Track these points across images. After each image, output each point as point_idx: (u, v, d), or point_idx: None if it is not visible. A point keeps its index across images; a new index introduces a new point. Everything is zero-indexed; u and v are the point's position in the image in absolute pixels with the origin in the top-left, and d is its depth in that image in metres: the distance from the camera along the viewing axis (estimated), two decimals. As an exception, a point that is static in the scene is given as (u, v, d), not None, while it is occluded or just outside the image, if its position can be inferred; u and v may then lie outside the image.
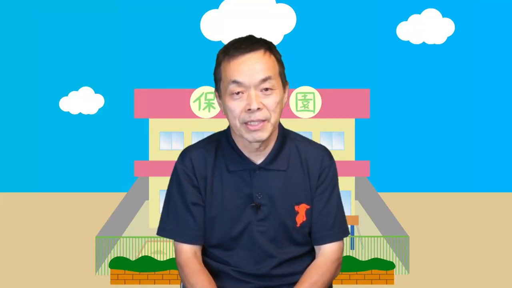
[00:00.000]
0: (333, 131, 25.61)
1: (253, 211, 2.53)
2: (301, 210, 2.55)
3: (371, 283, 11.23)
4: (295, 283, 2.57)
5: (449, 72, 21.83)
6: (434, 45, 20.41)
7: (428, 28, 19.79)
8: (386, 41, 21.75)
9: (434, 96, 21.89)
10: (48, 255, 13.21)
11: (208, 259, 2.63)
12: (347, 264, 11.41)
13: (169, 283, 12.90)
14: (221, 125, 15.95)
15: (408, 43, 20.65)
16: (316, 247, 2.62)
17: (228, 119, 2.50)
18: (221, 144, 2.58)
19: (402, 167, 21.71)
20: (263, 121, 2.44)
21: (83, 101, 20.12)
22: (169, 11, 22.26)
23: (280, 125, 2.57)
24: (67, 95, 19.95)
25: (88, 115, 20.97)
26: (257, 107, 2.41)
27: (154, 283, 12.84)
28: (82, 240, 14.56)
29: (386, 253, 12.65)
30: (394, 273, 11.46)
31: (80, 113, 20.24)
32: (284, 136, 2.59)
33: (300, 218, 2.54)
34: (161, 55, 22.35)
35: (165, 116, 24.61)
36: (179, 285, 13.30)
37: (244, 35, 2.55)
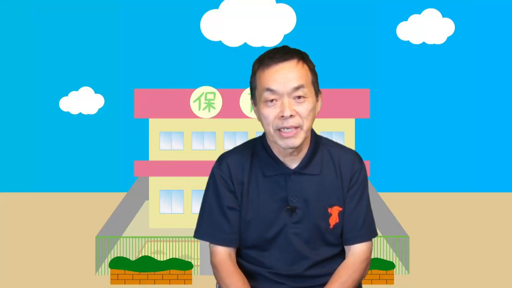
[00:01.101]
0: (333, 131, 25.62)
1: (288, 214, 2.64)
2: (334, 212, 2.67)
3: (371, 283, 11.23)
4: (326, 283, 2.68)
5: (449, 72, 21.83)
6: (434, 45, 20.40)
7: (428, 28, 19.77)
8: (386, 41, 21.74)
9: (434, 96, 21.89)
10: (48, 255, 13.21)
11: (243, 261, 2.75)
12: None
13: (169, 283, 12.90)
14: (221, 125, 16.00)
15: (408, 43, 20.64)
16: (346, 247, 2.73)
17: (262, 126, 2.62)
18: (256, 150, 2.70)
19: (402, 167, 21.71)
20: (296, 127, 2.55)
21: (83, 101, 20.11)
22: (169, 11, 22.25)
23: (312, 131, 2.70)
24: (67, 95, 19.94)
25: (88, 115, 20.95)
26: (290, 114, 2.52)
27: (154, 283, 12.84)
28: (82, 240, 14.56)
29: (386, 253, 12.65)
30: (394, 273, 11.46)
31: (80, 113, 20.23)
32: (317, 142, 2.71)
33: (333, 220, 2.67)
34: (161, 55, 22.34)
35: (165, 116, 24.62)
36: (179, 285, 13.32)
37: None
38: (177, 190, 25.33)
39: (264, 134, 2.71)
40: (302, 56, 2.62)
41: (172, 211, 25.41)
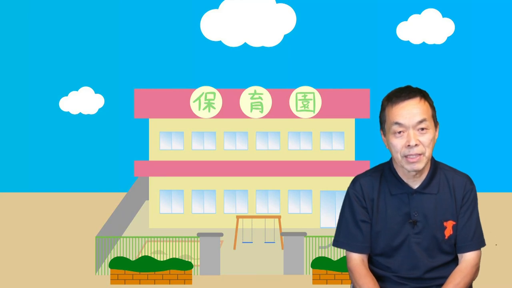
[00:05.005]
0: (333, 131, 25.59)
1: (410, 226, 3.25)
2: (449, 225, 3.27)
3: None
4: (442, 284, 3.29)
5: (449, 72, 21.83)
6: (434, 45, 20.42)
7: (428, 28, 19.78)
8: (386, 41, 21.75)
9: (433, 96, 21.87)
10: (48, 255, 13.22)
11: (373, 267, 3.35)
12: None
13: (169, 283, 12.90)
14: (221, 125, 16.06)
15: (408, 43, 20.66)
16: (459, 255, 3.32)
17: (391, 153, 3.23)
18: (384, 173, 3.32)
19: (402, 167, 21.72)
20: (420, 154, 3.13)
21: (83, 101, 20.12)
22: (169, 11, 22.26)
23: (432, 158, 3.28)
24: (67, 95, 19.97)
25: (88, 115, 20.99)
26: (415, 144, 3.11)
27: (154, 283, 12.84)
28: (82, 240, 14.57)
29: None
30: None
31: (80, 113, 20.26)
32: (435, 167, 3.31)
33: (448, 232, 3.26)
34: (161, 55, 22.34)
35: (165, 116, 24.61)
36: (179, 285, 13.32)
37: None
38: (177, 190, 25.33)
39: (390, 159, 3.31)
40: (423, 95, 3.21)
41: (172, 211, 25.41)
